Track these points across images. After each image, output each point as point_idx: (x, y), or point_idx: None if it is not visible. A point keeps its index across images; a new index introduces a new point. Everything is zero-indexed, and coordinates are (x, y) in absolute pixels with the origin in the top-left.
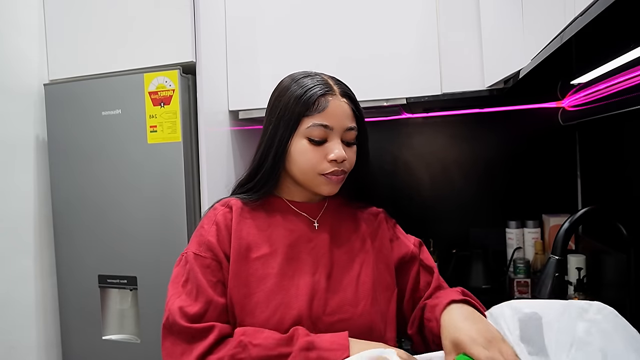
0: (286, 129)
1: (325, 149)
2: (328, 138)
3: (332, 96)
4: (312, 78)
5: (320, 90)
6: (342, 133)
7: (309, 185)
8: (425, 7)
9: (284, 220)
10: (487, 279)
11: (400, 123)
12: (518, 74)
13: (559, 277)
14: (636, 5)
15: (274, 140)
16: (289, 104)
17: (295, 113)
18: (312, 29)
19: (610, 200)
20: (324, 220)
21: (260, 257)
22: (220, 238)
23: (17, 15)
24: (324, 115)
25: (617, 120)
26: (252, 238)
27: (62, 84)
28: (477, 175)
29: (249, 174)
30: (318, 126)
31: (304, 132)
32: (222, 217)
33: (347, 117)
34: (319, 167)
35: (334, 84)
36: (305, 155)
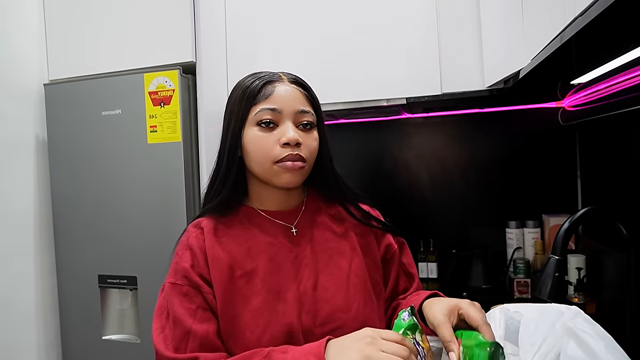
0: (236, 121)
1: (277, 134)
2: (279, 123)
3: (279, 82)
4: (260, 73)
5: (266, 78)
6: (294, 116)
7: (268, 178)
8: (425, 7)
9: (261, 232)
10: (487, 279)
11: (400, 123)
12: (518, 74)
13: (559, 277)
14: (636, 5)
15: (227, 137)
16: (236, 99)
17: (243, 104)
18: (312, 29)
19: (610, 200)
20: (303, 225)
21: (243, 276)
22: (196, 262)
23: (17, 15)
24: (271, 99)
25: (617, 120)
26: (232, 256)
27: (62, 84)
28: (477, 175)
29: (211, 178)
30: (266, 110)
31: (253, 120)
32: (195, 239)
33: (298, 100)
34: (272, 154)
35: (282, 74)
36: (256, 142)
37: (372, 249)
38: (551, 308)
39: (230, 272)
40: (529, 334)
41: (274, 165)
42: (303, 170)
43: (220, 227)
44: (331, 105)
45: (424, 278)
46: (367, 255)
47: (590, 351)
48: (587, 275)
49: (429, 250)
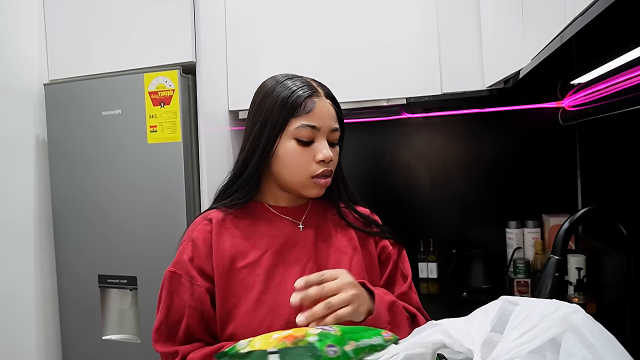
0: (273, 130)
1: (313, 150)
2: (315, 139)
3: (317, 97)
4: (295, 80)
5: (306, 91)
6: (328, 134)
7: (297, 188)
8: (425, 7)
9: (268, 226)
10: (487, 279)
11: (400, 123)
12: (518, 74)
13: (559, 277)
14: (636, 5)
15: (260, 142)
16: (275, 106)
17: (283, 114)
18: (312, 29)
19: (610, 200)
20: (309, 221)
21: (246, 266)
22: (196, 255)
23: (17, 15)
24: (311, 116)
25: (617, 120)
26: (236, 248)
27: (62, 84)
28: (477, 175)
29: (233, 176)
30: (306, 127)
31: (292, 133)
32: (200, 232)
33: (332, 118)
34: (309, 169)
35: (317, 86)
36: (294, 156)
37: (370, 249)
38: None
39: (232, 263)
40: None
41: (308, 179)
42: (329, 182)
43: (230, 218)
44: None
45: (424, 278)
46: (366, 255)
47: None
48: (587, 275)
49: (429, 250)
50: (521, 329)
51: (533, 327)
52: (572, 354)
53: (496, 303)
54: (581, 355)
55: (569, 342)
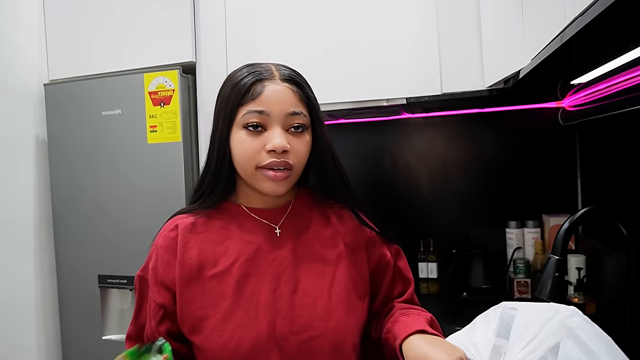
0: (224, 121)
1: (264, 139)
2: (267, 126)
3: (269, 81)
4: (252, 67)
5: (255, 76)
6: (284, 119)
7: (251, 183)
8: (425, 7)
9: (241, 230)
10: (487, 279)
11: (400, 123)
12: (518, 74)
13: (559, 277)
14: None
15: (216, 137)
16: (225, 96)
17: (231, 103)
18: (312, 29)
19: (610, 200)
20: (288, 225)
21: (215, 275)
22: (159, 263)
23: (17, 15)
24: (259, 101)
25: (617, 120)
26: (205, 255)
27: (62, 84)
28: (477, 175)
29: (200, 179)
30: (253, 112)
31: (240, 122)
32: (164, 239)
33: (288, 101)
34: (255, 159)
35: (275, 70)
36: (241, 146)
37: (360, 262)
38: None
39: (200, 271)
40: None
41: (256, 170)
42: (289, 178)
43: (200, 223)
44: (331, 105)
45: (424, 278)
46: (354, 266)
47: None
48: (587, 275)
49: (429, 250)
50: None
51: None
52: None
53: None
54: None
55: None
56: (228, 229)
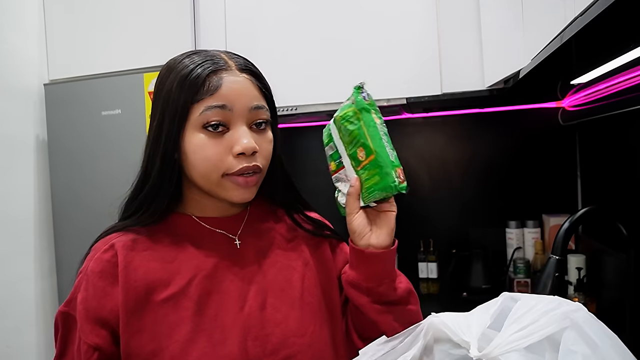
0: (173, 121)
1: (229, 141)
2: (230, 124)
3: (226, 72)
4: (199, 55)
5: (209, 67)
6: (248, 115)
7: (215, 192)
8: (425, 8)
9: (194, 244)
10: (487, 279)
11: (400, 123)
12: (518, 74)
13: (559, 277)
14: (636, 5)
15: (160, 140)
16: (172, 91)
17: (182, 100)
18: (312, 29)
19: (610, 200)
20: (247, 235)
21: (168, 298)
22: (91, 293)
23: (17, 15)
24: (218, 95)
25: (617, 120)
26: (153, 276)
27: (62, 84)
28: (477, 175)
29: (134, 190)
30: (213, 109)
31: (196, 122)
32: (97, 263)
33: (250, 94)
34: (222, 165)
35: (228, 58)
36: (203, 151)
37: (327, 262)
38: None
39: (148, 296)
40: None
41: (223, 178)
42: (257, 182)
43: (143, 239)
44: (331, 106)
45: (424, 278)
46: (322, 270)
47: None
48: (587, 275)
49: (429, 250)
50: (520, 323)
51: (532, 323)
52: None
53: (497, 299)
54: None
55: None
56: (178, 244)
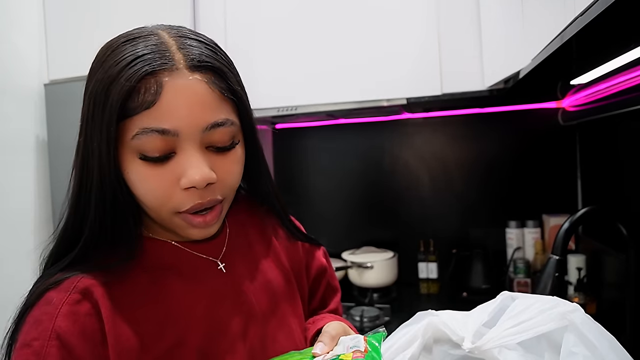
0: (101, 141)
1: (175, 169)
2: (176, 149)
3: (169, 73)
4: (140, 42)
5: (146, 65)
6: (201, 135)
7: (170, 228)
8: (426, 8)
9: (180, 278)
10: (487, 279)
11: (400, 123)
12: (518, 74)
13: (559, 277)
14: (636, 5)
15: (92, 165)
16: (99, 96)
17: (108, 112)
18: (311, 29)
19: (610, 200)
20: (231, 257)
21: (165, 353)
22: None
23: (17, 15)
24: (157, 111)
25: (617, 120)
26: (142, 328)
27: (62, 84)
28: (477, 175)
29: (65, 232)
30: (150, 133)
31: (131, 147)
32: (69, 319)
33: (205, 106)
34: (170, 202)
35: (178, 48)
36: (144, 183)
37: (302, 276)
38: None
39: (142, 355)
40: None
41: (175, 215)
42: (221, 215)
43: (116, 282)
44: (331, 106)
45: (424, 278)
46: (298, 280)
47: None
48: (587, 275)
49: (429, 250)
50: (516, 320)
51: (528, 320)
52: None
53: (497, 298)
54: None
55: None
56: (160, 283)
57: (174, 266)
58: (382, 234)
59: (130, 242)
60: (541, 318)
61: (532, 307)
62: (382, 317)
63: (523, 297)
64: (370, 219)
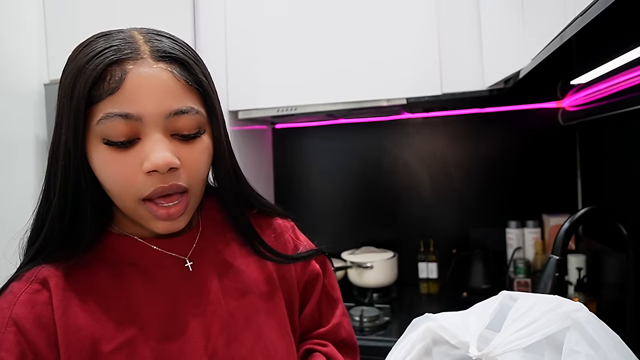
0: (68, 128)
1: (138, 154)
2: (140, 135)
3: (133, 62)
4: (109, 37)
5: (111, 55)
6: (165, 122)
7: (136, 219)
8: (425, 8)
9: (142, 274)
10: (487, 279)
11: (400, 123)
12: (518, 74)
13: (559, 277)
14: (636, 5)
15: (59, 152)
16: (67, 86)
17: (75, 99)
18: (312, 29)
19: (610, 200)
20: (201, 255)
21: (119, 348)
22: (29, 348)
23: (17, 15)
24: (120, 97)
25: (617, 120)
26: (97, 323)
27: None
28: (477, 175)
29: (36, 221)
30: (113, 117)
31: (96, 132)
32: (26, 307)
33: (169, 93)
34: (133, 188)
35: (145, 41)
36: (107, 168)
37: (290, 278)
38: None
39: (94, 349)
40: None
41: (139, 204)
42: (188, 208)
43: (75, 275)
44: (331, 106)
45: (424, 278)
46: (285, 287)
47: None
48: (587, 275)
49: (429, 250)
50: (520, 323)
51: (533, 322)
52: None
53: (496, 298)
54: (585, 353)
55: (572, 339)
56: (122, 278)
57: (136, 262)
58: (382, 234)
59: (84, 235)
60: (546, 320)
61: (535, 308)
62: (382, 317)
63: (524, 297)
64: (370, 219)
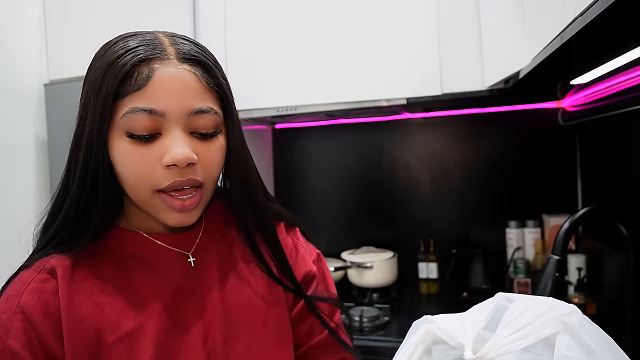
0: (94, 121)
1: (160, 148)
2: (162, 130)
3: (160, 62)
4: (137, 37)
5: (139, 54)
6: (186, 120)
7: (149, 212)
8: (425, 8)
9: (146, 268)
10: (487, 279)
11: (400, 123)
12: (518, 74)
13: (559, 277)
14: (636, 5)
15: (81, 143)
16: (95, 81)
17: (103, 94)
18: (312, 29)
19: (610, 200)
20: (203, 251)
21: (121, 340)
22: (35, 336)
23: (17, 15)
24: (146, 93)
25: (617, 120)
26: (101, 313)
27: (62, 84)
28: (477, 175)
29: (52, 208)
30: (138, 112)
31: (120, 125)
32: (34, 295)
33: (192, 93)
34: (150, 179)
35: (170, 44)
36: (127, 160)
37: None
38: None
39: (98, 339)
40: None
41: (154, 195)
42: (200, 203)
43: (81, 266)
44: (331, 106)
45: (424, 278)
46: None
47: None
48: (587, 275)
49: (429, 250)
50: (515, 325)
51: (527, 325)
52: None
53: (492, 300)
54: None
55: (563, 344)
56: (127, 271)
57: (140, 256)
58: (381, 234)
59: (94, 224)
60: (540, 323)
61: (530, 310)
62: (381, 317)
63: (519, 298)
64: (370, 219)
